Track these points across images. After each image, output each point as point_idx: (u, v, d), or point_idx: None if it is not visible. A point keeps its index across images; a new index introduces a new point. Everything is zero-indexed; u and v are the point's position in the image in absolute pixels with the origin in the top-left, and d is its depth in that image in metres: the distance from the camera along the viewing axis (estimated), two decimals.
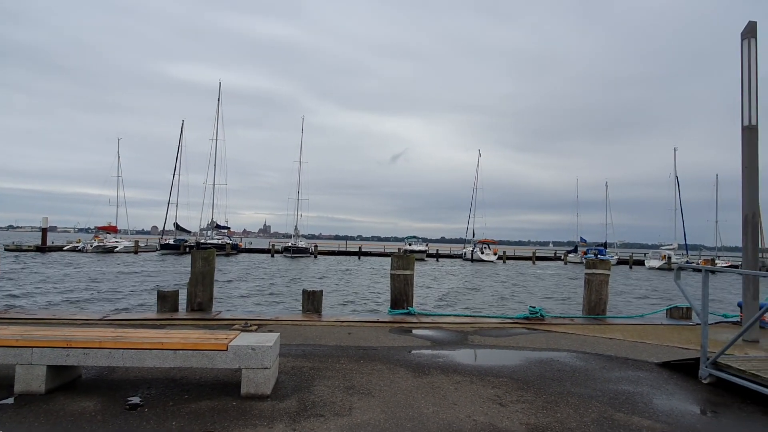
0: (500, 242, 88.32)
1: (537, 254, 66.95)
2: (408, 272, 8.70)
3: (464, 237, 67.13)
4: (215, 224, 58.81)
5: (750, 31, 6.72)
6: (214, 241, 54.34)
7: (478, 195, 66.61)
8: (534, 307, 8.45)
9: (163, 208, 62.25)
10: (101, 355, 3.82)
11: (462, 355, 5.64)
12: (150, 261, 42.06)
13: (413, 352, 5.68)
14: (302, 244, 58.64)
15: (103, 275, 27.96)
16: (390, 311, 8.58)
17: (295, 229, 60.64)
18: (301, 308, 8.36)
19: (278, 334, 4.42)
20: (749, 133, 6.72)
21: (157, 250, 55.95)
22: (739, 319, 8.06)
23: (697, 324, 7.81)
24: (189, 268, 8.42)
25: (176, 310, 7.94)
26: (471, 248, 60.16)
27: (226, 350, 3.83)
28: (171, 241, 55.42)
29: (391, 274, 8.84)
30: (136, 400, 3.74)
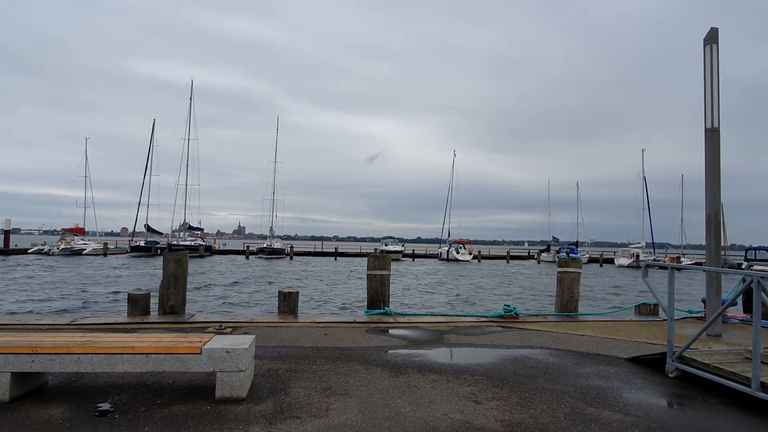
0: (475, 242, 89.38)
1: (511, 253, 67.98)
2: (384, 272, 8.72)
3: (440, 237, 67.67)
4: (188, 225, 57.68)
5: (712, 37, 6.98)
6: (187, 243, 53.29)
7: (453, 195, 67.24)
8: (508, 306, 8.58)
9: (133, 210, 60.79)
10: (69, 360, 3.71)
11: (438, 354, 5.68)
12: (120, 263, 40.95)
13: (390, 351, 5.70)
14: (278, 245, 58.06)
15: (71, 278, 27.09)
16: (367, 311, 8.59)
17: (271, 230, 60.04)
18: (276, 310, 8.28)
19: (253, 336, 4.37)
20: (712, 136, 6.99)
21: (127, 252, 54.53)
22: (703, 315, 8.35)
23: (664, 320, 8.06)
24: (161, 271, 8.24)
25: (148, 313, 7.77)
26: (447, 248, 60.64)
27: (200, 353, 3.77)
28: (142, 243, 54.08)
29: (367, 274, 8.85)
30: (106, 406, 3.64)
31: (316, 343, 6.00)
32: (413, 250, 67.63)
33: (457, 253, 58.94)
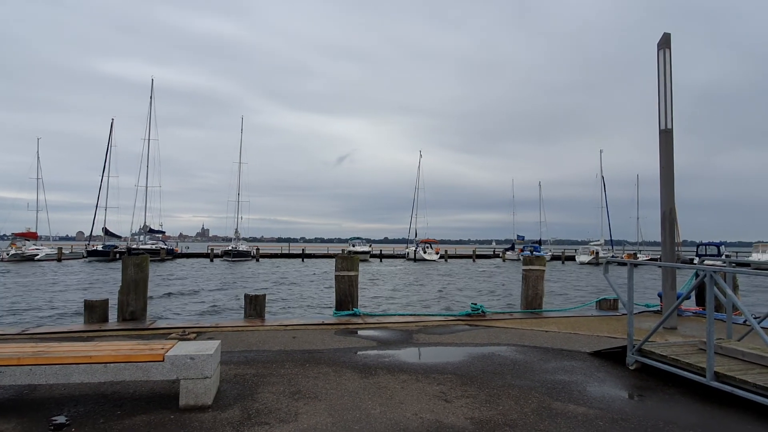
0: (442, 241, 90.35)
1: (477, 252, 69.08)
2: (352, 273, 8.68)
3: (407, 237, 68.03)
4: (148, 228, 55.80)
5: (665, 42, 7.29)
6: (148, 247, 51.53)
7: (420, 195, 67.83)
8: (475, 304, 8.70)
9: (90, 213, 58.39)
10: (20, 372, 3.50)
11: (407, 354, 5.70)
12: (76, 269, 39.21)
13: (359, 353, 5.67)
14: (243, 247, 56.97)
15: (22, 285, 25.74)
16: (335, 313, 8.52)
17: (236, 232, 58.83)
18: (243, 314, 8.11)
19: (219, 341, 4.26)
20: (665, 136, 7.29)
21: (83, 257, 52.28)
22: (659, 308, 8.70)
23: (624, 314, 8.36)
24: (120, 276, 7.93)
25: (106, 320, 7.45)
26: (414, 248, 61.03)
27: (163, 361, 3.64)
28: (99, 247, 51.98)
29: (335, 275, 8.78)
30: (61, 419, 3.46)
31: (284, 347, 5.90)
32: (381, 250, 67.71)
33: (425, 252, 59.41)
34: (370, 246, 67.02)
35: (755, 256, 45.87)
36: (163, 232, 58.69)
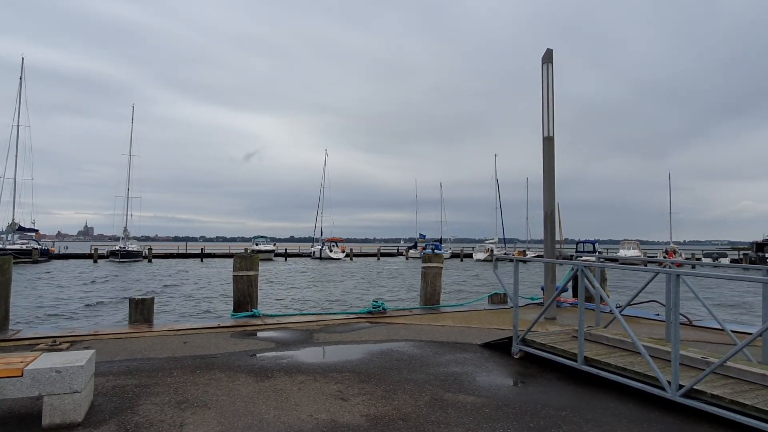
0: (348, 240, 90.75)
1: (382, 251, 70.38)
2: (252, 273, 8.37)
3: (313, 236, 67.34)
4: (17, 226, 49.18)
5: (548, 57, 7.95)
6: (16, 247, 45.48)
7: (327, 194, 67.54)
8: (376, 302, 8.82)
9: None
10: None
11: (307, 354, 5.61)
12: None
13: (257, 355, 5.47)
14: (133, 247, 52.42)
15: None
16: (233, 315, 8.16)
17: (125, 230, 54.03)
18: (128, 319, 7.45)
19: (93, 351, 3.86)
20: (547, 143, 7.96)
21: None
22: (542, 301, 9.49)
23: (512, 307, 8.99)
24: None
25: None
26: (319, 247, 60.60)
27: (21, 376, 3.21)
28: None
29: (233, 275, 8.41)
30: None
31: (173, 353, 5.51)
32: (286, 249, 66.31)
33: (330, 251, 59.23)
34: (275, 245, 65.34)
35: (622, 252, 52.07)
36: (36, 230, 52.14)
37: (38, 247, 48.50)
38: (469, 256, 64.30)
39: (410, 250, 69.19)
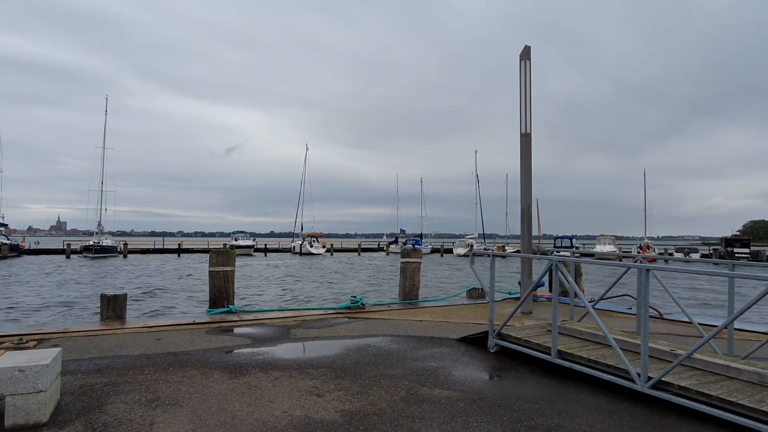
0: (329, 235, 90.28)
1: (363, 246, 70.34)
2: (228, 268, 8.27)
3: (293, 231, 66.87)
4: None
5: (525, 54, 8.01)
6: None
7: (308, 189, 67.07)
8: (355, 297, 8.81)
9: None
10: None
11: (283, 350, 5.57)
12: None
13: (233, 352, 5.40)
14: (108, 242, 51.25)
15: None
16: (209, 311, 8.04)
17: (99, 225, 52.76)
18: (99, 316, 7.28)
19: (59, 349, 3.75)
20: (525, 140, 8.03)
21: None
22: (519, 296, 9.61)
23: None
24: None
25: None
26: (300, 242, 60.21)
27: None
28: None
29: (209, 271, 8.29)
30: None
31: (145, 350, 5.40)
32: (266, 244, 65.62)
33: (311, 246, 58.94)
34: (254, 240, 64.67)
35: (598, 248, 53.09)
36: (5, 225, 50.55)
37: (8, 242, 47.01)
38: (450, 251, 64.74)
39: (391, 246, 69.30)
